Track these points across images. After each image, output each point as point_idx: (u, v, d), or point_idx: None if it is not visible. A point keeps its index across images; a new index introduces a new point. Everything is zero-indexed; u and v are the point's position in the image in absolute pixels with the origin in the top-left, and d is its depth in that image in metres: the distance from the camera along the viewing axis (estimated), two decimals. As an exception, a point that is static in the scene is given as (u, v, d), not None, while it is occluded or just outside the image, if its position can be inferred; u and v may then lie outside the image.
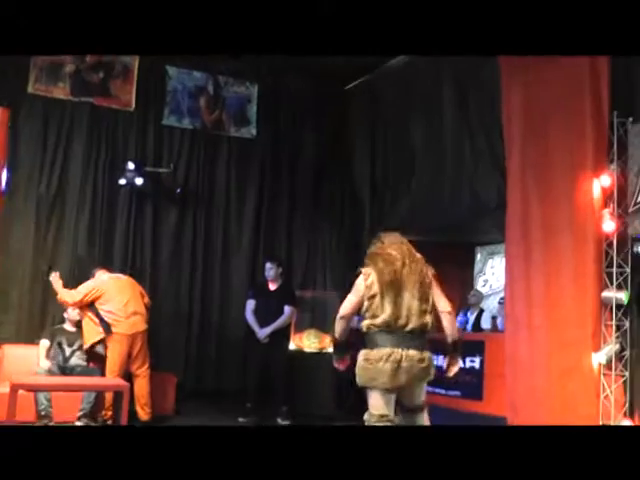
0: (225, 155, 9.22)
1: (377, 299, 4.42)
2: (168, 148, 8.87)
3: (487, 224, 7.95)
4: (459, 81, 7.82)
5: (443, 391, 7.66)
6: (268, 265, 7.95)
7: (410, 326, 4.39)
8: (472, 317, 8.63)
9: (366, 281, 4.48)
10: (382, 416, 4.38)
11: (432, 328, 4.53)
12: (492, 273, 9.00)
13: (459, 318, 8.68)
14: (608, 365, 5.74)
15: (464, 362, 7.51)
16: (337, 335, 4.58)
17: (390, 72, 8.85)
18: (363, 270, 4.56)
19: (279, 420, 7.54)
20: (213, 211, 9.08)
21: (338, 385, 7.98)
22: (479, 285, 9.14)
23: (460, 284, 9.16)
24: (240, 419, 7.47)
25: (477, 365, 7.37)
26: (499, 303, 8.46)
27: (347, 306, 4.55)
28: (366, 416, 4.45)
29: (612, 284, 5.81)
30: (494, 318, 8.24)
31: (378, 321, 4.39)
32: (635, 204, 5.71)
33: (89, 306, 6.97)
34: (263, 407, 7.63)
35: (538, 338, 6.19)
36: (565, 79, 6.24)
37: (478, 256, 9.17)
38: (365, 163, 9.42)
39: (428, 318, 4.46)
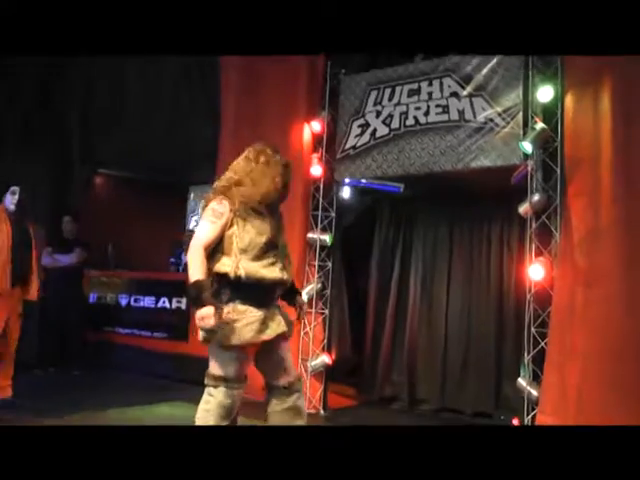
0: None
1: None
2: None
3: (201, 164, 7.91)
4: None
5: (149, 333, 7.58)
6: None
7: None
8: (186, 258, 8.51)
9: None
10: None
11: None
12: (204, 213, 8.97)
13: (172, 259, 8.59)
14: (310, 303, 6.04)
15: (170, 303, 7.49)
16: None
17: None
18: None
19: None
20: None
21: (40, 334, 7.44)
22: (191, 225, 9.03)
23: (173, 224, 9.03)
24: None
25: (183, 306, 7.36)
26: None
27: None
28: None
29: (317, 226, 6.09)
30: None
31: None
32: (343, 151, 6.00)
33: None
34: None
35: (248, 277, 6.31)
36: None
37: (191, 195, 9.05)
38: (78, 93, 8.80)
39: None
